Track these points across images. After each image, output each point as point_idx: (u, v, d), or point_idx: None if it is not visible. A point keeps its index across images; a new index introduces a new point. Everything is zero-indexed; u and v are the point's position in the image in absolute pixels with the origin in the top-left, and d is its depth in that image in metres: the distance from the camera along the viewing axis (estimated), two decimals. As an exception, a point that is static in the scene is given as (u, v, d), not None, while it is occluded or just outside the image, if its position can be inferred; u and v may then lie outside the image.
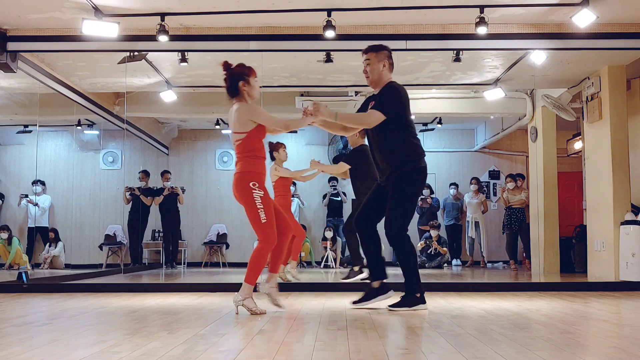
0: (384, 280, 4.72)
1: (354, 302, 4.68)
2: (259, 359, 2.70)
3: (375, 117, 4.51)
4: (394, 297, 4.64)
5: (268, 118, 4.35)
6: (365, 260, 7.51)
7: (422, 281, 4.61)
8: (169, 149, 12.78)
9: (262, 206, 4.23)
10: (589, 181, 8.51)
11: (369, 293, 4.70)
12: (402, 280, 4.58)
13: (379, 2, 6.09)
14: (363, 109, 4.89)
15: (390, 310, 4.43)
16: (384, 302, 4.63)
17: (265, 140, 4.52)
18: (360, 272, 7.19)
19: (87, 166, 12.27)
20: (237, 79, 4.39)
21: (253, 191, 4.24)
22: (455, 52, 7.14)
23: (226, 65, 4.44)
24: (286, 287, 6.51)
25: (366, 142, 7.38)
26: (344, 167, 7.23)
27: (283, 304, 4.50)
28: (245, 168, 4.31)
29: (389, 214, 4.59)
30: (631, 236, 7.25)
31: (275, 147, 7.43)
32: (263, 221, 4.24)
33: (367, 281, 6.22)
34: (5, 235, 10.66)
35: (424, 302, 4.55)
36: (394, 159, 4.57)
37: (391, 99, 4.59)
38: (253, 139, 4.34)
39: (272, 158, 7.41)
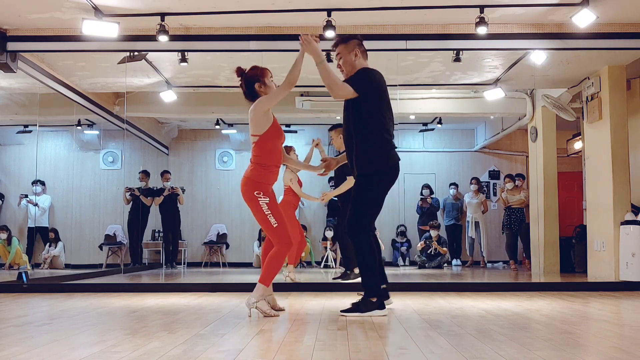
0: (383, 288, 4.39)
1: (343, 312, 4.30)
2: (259, 359, 2.70)
3: (346, 89, 4.20)
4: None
5: (272, 94, 4.28)
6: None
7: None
8: (169, 149, 12.79)
9: (269, 212, 4.25)
10: (589, 181, 8.51)
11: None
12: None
13: (379, 2, 6.09)
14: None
15: (341, 315, 4.18)
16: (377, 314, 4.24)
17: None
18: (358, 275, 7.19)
19: (87, 166, 12.26)
20: (252, 82, 4.36)
21: (259, 199, 4.24)
22: (455, 52, 7.14)
23: (240, 71, 4.40)
24: (286, 287, 6.51)
25: None
26: (352, 181, 7.30)
27: (277, 309, 4.39)
28: (251, 175, 4.30)
29: (349, 209, 4.31)
30: (631, 236, 7.25)
31: (286, 150, 7.40)
32: (275, 226, 4.25)
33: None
34: (4, 236, 10.65)
35: (381, 307, 4.20)
36: (361, 154, 4.27)
37: (362, 77, 4.28)
38: (266, 142, 4.29)
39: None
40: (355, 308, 4.19)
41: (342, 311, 4.24)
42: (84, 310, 4.56)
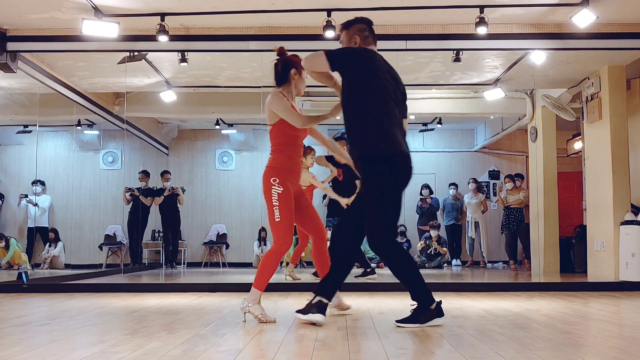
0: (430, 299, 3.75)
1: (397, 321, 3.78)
2: (259, 359, 2.70)
3: (317, 58, 3.77)
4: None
5: (283, 109, 4.01)
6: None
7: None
8: (168, 149, 12.79)
9: (277, 203, 3.94)
10: (589, 181, 8.51)
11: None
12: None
13: (379, 2, 6.09)
14: None
15: (398, 326, 3.68)
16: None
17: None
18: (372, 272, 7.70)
19: (87, 166, 12.26)
20: (290, 65, 4.18)
21: (272, 187, 3.96)
22: (455, 52, 7.14)
23: (281, 50, 4.21)
24: (286, 287, 6.51)
25: None
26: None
27: (349, 305, 4.38)
28: (268, 163, 4.08)
29: (367, 219, 3.74)
30: (631, 236, 7.25)
31: (305, 151, 7.13)
32: (277, 220, 3.94)
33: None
34: (2, 244, 10.65)
35: (440, 314, 3.70)
36: (353, 143, 3.80)
37: (341, 51, 3.85)
38: (278, 132, 4.07)
39: None
40: (414, 318, 3.68)
41: (396, 321, 3.74)
42: (84, 310, 4.56)
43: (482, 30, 6.30)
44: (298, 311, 3.83)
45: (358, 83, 3.76)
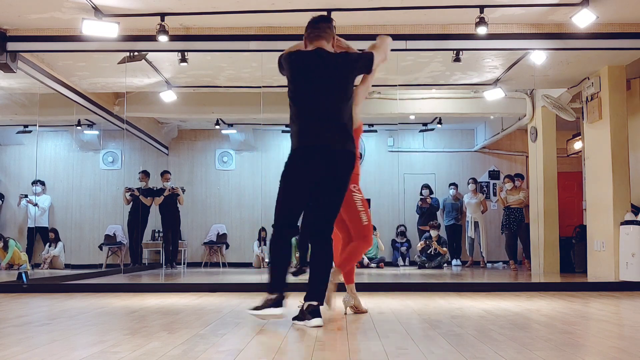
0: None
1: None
2: (259, 359, 2.70)
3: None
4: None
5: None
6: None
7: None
8: (168, 149, 12.79)
9: (363, 208, 4.27)
10: (589, 181, 8.51)
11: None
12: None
13: (379, 2, 6.09)
14: None
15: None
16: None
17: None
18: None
19: (87, 166, 12.26)
20: None
21: (353, 193, 4.22)
22: (455, 52, 7.14)
23: None
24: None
25: None
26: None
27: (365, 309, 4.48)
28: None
29: None
30: (631, 236, 7.25)
31: None
32: (364, 223, 4.27)
33: None
34: (0, 245, 10.65)
35: (277, 305, 3.79)
36: None
37: (280, 60, 4.18)
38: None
39: None
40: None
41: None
42: (84, 310, 4.56)
43: (482, 30, 6.29)
44: (294, 318, 3.88)
45: (289, 88, 4.07)
